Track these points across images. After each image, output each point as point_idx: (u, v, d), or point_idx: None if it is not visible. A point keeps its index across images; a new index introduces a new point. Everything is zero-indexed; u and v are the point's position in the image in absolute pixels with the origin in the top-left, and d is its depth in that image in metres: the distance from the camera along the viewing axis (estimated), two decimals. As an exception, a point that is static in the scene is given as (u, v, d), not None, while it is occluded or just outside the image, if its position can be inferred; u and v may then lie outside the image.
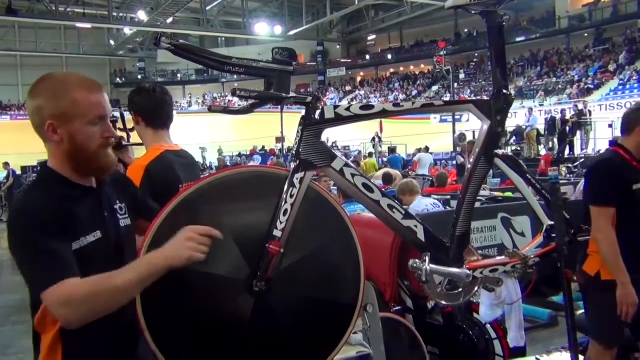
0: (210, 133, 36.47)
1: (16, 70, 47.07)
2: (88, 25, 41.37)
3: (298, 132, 1.85)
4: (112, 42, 47.12)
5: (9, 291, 7.94)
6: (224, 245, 1.69)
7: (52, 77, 1.66)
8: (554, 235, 2.25)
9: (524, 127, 19.00)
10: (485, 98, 2.17)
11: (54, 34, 44.84)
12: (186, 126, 38.79)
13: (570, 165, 14.95)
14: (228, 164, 21.89)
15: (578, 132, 18.61)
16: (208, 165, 24.32)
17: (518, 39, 35.65)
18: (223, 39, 47.83)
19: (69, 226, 1.55)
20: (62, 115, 1.59)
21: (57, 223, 1.52)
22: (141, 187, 2.16)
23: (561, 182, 7.23)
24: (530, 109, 21.75)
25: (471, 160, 2.21)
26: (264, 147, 29.78)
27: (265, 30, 40.60)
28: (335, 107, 1.90)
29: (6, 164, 18.05)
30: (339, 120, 1.91)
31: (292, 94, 1.83)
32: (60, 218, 1.53)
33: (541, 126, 19.42)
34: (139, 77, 48.22)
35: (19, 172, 19.41)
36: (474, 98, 21.92)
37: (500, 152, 2.18)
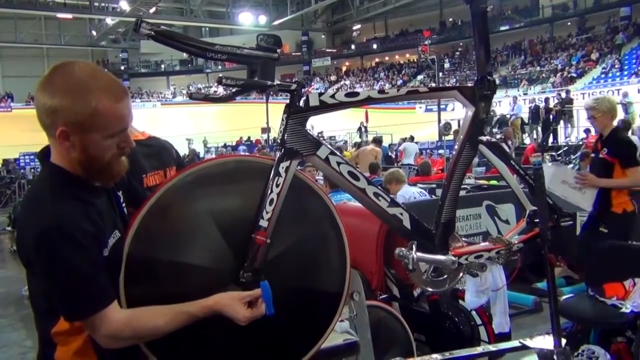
0: (195, 124, 36.25)
1: (-5, 62, 46.34)
2: (69, 16, 40.81)
3: (283, 120, 1.84)
4: (94, 33, 46.43)
5: (-8, 285, 7.86)
6: (209, 236, 1.68)
7: (74, 74, 1.43)
8: (537, 220, 2.27)
9: (508, 115, 19.12)
10: (470, 84, 2.18)
11: (34, 24, 44.04)
12: (171, 117, 38.54)
13: (553, 154, 15.09)
14: (211, 154, 21.75)
15: (562, 121, 18.77)
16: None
17: (502, 28, 35.81)
18: (207, 29, 47.37)
19: (99, 236, 1.47)
20: (79, 124, 1.41)
21: (91, 238, 1.43)
22: None
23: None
24: (515, 98, 21.87)
25: (456, 147, 2.21)
26: (249, 137, 29.67)
27: (250, 20, 40.34)
28: (320, 94, 1.89)
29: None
30: (324, 107, 1.89)
31: (276, 82, 1.81)
32: (92, 231, 1.44)
33: (525, 115, 19.54)
34: (122, 67, 47.64)
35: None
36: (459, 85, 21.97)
37: (484, 138, 2.19)
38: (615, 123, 4.54)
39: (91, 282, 1.43)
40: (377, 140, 14.38)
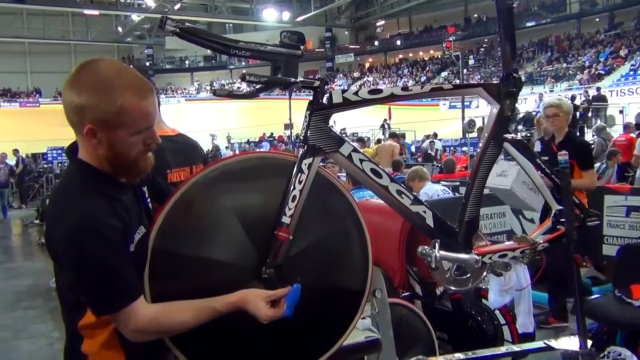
0: (218, 120, 36.48)
1: (25, 58, 47.20)
2: (96, 12, 41.48)
3: (306, 117, 1.84)
4: (119, 29, 47.04)
5: (20, 276, 8.04)
6: (232, 232, 1.69)
7: (99, 72, 1.44)
8: (562, 220, 2.23)
9: (533, 113, 18.86)
10: (495, 81, 2.15)
11: (61, 20, 44.87)
12: (194, 113, 38.85)
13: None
14: (229, 150, 21.86)
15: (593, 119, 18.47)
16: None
17: (528, 24, 35.33)
18: (231, 25, 47.64)
19: (126, 232, 1.49)
20: (106, 122, 1.43)
21: (118, 234, 1.45)
22: None
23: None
24: (541, 95, 21.58)
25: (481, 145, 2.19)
26: (272, 134, 29.76)
27: (273, 16, 40.53)
28: (343, 91, 1.89)
29: (15, 151, 18.16)
30: (347, 104, 1.89)
31: (300, 79, 1.81)
32: (119, 227, 1.45)
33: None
34: (147, 63, 48.15)
35: (28, 158, 19.55)
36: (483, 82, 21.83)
37: (509, 136, 2.16)
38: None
39: (119, 277, 1.45)
40: (395, 135, 14.30)
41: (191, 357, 1.67)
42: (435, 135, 20.25)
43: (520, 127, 18.05)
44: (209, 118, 37.32)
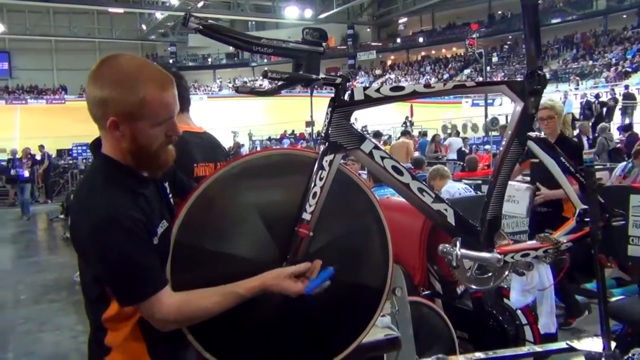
0: (240, 117, 36.66)
1: (51, 55, 48.05)
2: (120, 10, 42.02)
3: (327, 113, 1.84)
4: (143, 27, 47.63)
5: (46, 270, 8.18)
6: (253, 228, 1.69)
7: (121, 66, 1.48)
8: (587, 219, 2.20)
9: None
10: (519, 79, 2.13)
11: (87, 19, 45.63)
12: (217, 110, 39.09)
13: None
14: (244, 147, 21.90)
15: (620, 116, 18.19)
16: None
17: (553, 21, 34.84)
18: (253, 22, 47.88)
19: (149, 225, 1.51)
20: (127, 114, 1.46)
21: (142, 226, 1.47)
22: None
23: (596, 166, 7.05)
24: (566, 93, 21.29)
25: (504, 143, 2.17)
26: (293, 131, 29.81)
27: (295, 14, 40.58)
28: (365, 88, 1.88)
29: (41, 147, 18.48)
30: (369, 101, 1.88)
31: (321, 76, 1.80)
32: (142, 219, 1.48)
33: (576, 110, 18.99)
34: (170, 61, 48.59)
35: (54, 154, 19.86)
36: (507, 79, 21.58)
37: (533, 134, 2.14)
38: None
39: (144, 268, 1.47)
40: (407, 133, 14.29)
41: (211, 350, 1.68)
42: (457, 133, 20.12)
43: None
44: (231, 115, 37.52)
